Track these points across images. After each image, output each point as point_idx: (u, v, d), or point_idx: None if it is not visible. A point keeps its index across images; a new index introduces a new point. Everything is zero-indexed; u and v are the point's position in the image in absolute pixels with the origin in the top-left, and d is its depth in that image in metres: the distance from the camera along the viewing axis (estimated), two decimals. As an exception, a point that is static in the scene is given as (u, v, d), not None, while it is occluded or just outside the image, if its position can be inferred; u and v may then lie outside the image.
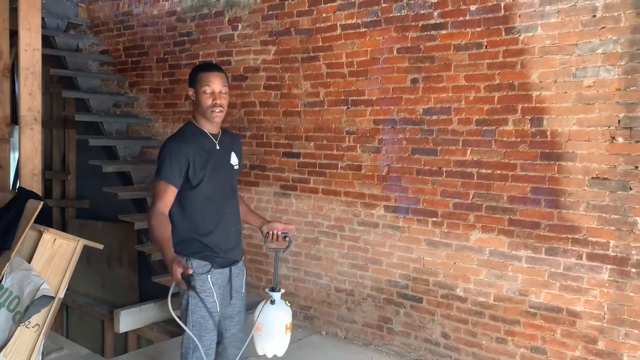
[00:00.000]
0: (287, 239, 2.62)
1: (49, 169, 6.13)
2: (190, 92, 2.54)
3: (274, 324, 2.41)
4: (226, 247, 2.57)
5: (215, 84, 2.48)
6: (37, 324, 3.00)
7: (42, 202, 3.15)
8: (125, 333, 4.77)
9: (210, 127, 2.56)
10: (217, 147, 2.57)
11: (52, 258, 3.07)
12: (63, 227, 5.99)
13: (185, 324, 2.46)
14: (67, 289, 3.16)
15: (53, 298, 2.99)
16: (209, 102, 2.48)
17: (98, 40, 5.97)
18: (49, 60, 5.39)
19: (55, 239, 3.08)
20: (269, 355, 2.50)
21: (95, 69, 6.01)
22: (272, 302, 2.41)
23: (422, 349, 3.72)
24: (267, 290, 2.48)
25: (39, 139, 3.84)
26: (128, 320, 4.48)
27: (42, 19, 5.18)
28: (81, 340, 5.26)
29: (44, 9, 5.40)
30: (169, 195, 2.42)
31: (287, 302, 2.49)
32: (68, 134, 6.10)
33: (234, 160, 2.67)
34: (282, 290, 2.48)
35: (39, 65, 3.83)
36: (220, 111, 2.51)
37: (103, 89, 5.89)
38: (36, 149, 3.82)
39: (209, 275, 2.50)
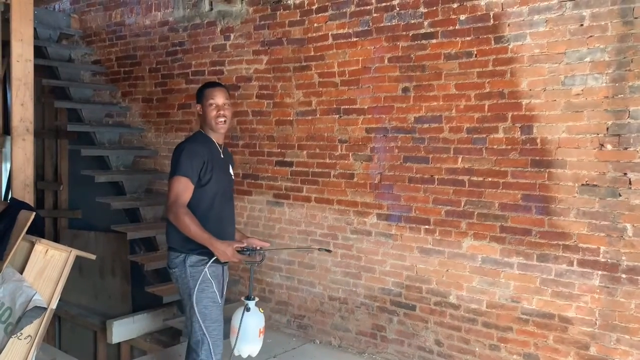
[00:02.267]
0: (262, 253, 2.84)
1: (41, 179, 6.11)
2: (198, 107, 2.86)
3: (249, 329, 2.65)
4: None
5: (218, 98, 2.80)
6: (29, 336, 2.99)
7: (34, 213, 3.15)
8: (118, 344, 4.75)
9: (216, 137, 2.86)
10: (222, 156, 2.88)
11: (44, 269, 3.05)
12: (55, 238, 5.96)
13: (190, 318, 2.70)
14: (59, 300, 3.15)
15: (45, 309, 2.97)
16: (214, 113, 2.79)
17: (90, 50, 5.98)
18: (41, 71, 5.39)
19: (47, 250, 3.07)
20: (244, 356, 2.73)
21: (87, 79, 6.01)
22: (248, 309, 2.65)
23: (416, 357, 3.72)
24: (242, 298, 2.71)
25: (31, 150, 3.84)
26: (121, 330, 4.46)
27: (35, 29, 5.20)
28: (74, 351, 5.22)
29: (36, 19, 5.41)
30: (189, 191, 2.66)
31: (260, 309, 2.73)
32: (60, 144, 6.08)
33: (231, 170, 2.99)
34: (257, 299, 2.72)
35: (31, 75, 3.84)
36: (224, 121, 2.82)
37: (95, 99, 5.89)
38: (28, 160, 3.82)
39: (206, 268, 2.68)
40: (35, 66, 3.95)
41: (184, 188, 2.64)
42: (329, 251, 3.40)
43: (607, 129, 2.98)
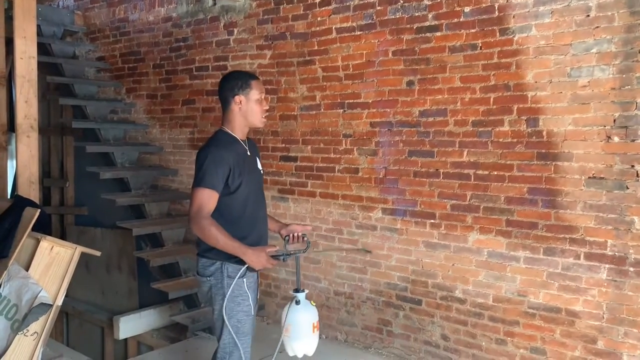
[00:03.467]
0: (306, 239, 2.67)
1: (47, 176, 6.13)
2: (238, 99, 2.56)
3: (301, 324, 2.48)
4: None
5: (263, 92, 2.63)
6: (35, 332, 3.00)
7: (39, 210, 3.15)
8: (125, 339, 4.77)
9: (241, 133, 2.63)
10: (248, 153, 2.65)
11: (50, 266, 3.06)
12: (62, 234, 5.99)
13: (221, 329, 2.54)
14: (66, 296, 3.16)
15: (51, 306, 2.98)
16: (262, 108, 2.60)
17: (94, 47, 5.98)
18: (45, 68, 5.41)
19: (52, 247, 3.07)
20: (300, 355, 2.57)
21: (92, 75, 6.01)
22: (297, 302, 2.49)
23: (422, 351, 3.71)
24: (291, 292, 2.56)
25: (35, 147, 3.85)
26: (128, 326, 4.49)
27: (38, 26, 5.20)
28: (81, 347, 5.26)
29: (40, 16, 5.42)
30: (213, 201, 2.47)
31: (312, 301, 2.57)
32: (66, 141, 6.10)
33: (259, 165, 2.77)
34: (306, 291, 2.56)
35: (35, 73, 3.84)
36: (266, 116, 2.68)
37: (100, 96, 5.89)
38: (33, 157, 3.82)
39: (244, 279, 2.53)
40: (39, 63, 3.95)
41: (207, 199, 2.44)
42: (369, 252, 3.19)
43: (614, 120, 2.95)
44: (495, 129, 3.35)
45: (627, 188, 2.92)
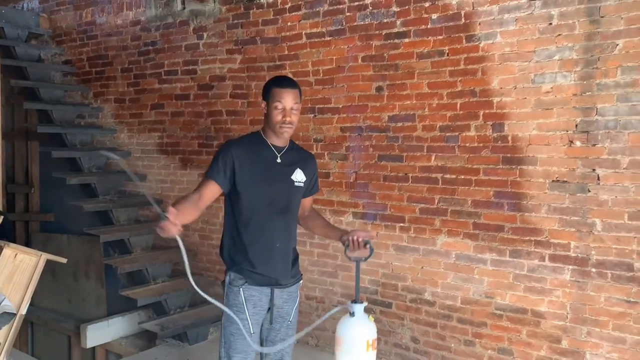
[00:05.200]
0: (368, 246, 2.43)
1: (11, 182, 5.98)
2: (263, 104, 2.51)
3: (353, 338, 2.28)
4: (266, 264, 2.45)
5: (287, 100, 2.43)
6: (-2, 342, 2.92)
7: (2, 217, 3.08)
8: (93, 348, 4.68)
9: (276, 140, 2.51)
10: (278, 160, 2.50)
11: (14, 274, 2.99)
12: (27, 242, 5.84)
13: (220, 338, 2.50)
14: (31, 305, 3.09)
15: (14, 315, 2.92)
16: (279, 117, 2.43)
17: (60, 50, 5.87)
18: (9, 71, 5.28)
19: (16, 254, 3.01)
20: None
21: (58, 79, 5.90)
22: (352, 314, 2.30)
23: (393, 354, 3.75)
24: (349, 302, 2.36)
25: (-1, 152, 3.76)
26: (95, 334, 4.41)
27: (2, 29, 5.10)
28: (47, 357, 5.14)
29: (4, 18, 5.31)
30: (207, 188, 2.40)
31: (370, 316, 2.36)
32: (31, 146, 5.95)
33: (297, 176, 2.55)
34: (365, 303, 2.35)
35: (-2, 76, 3.76)
36: (290, 127, 2.46)
37: (66, 100, 5.78)
38: (-4, 162, 3.74)
39: (241, 289, 2.44)
40: (3, 66, 3.88)
41: (203, 186, 2.40)
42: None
43: (576, 125, 3.04)
44: (462, 134, 3.41)
45: (589, 191, 3.01)
